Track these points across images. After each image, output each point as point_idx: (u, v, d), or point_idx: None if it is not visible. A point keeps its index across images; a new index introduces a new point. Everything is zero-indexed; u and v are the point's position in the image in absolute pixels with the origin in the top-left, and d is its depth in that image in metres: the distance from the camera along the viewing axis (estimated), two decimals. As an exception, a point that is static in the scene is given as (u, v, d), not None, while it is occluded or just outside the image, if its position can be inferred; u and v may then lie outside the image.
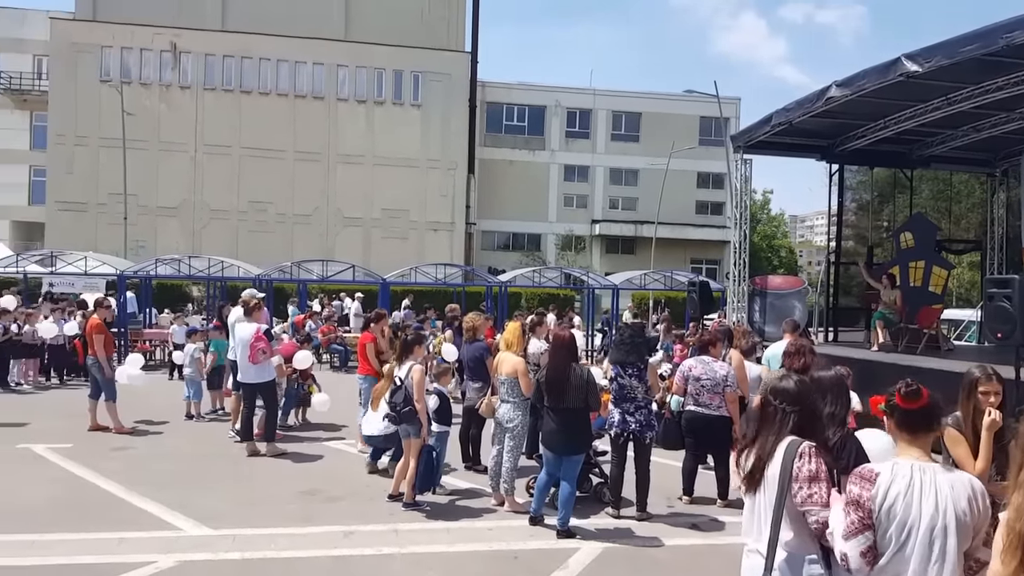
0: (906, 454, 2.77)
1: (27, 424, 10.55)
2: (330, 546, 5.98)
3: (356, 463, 8.67)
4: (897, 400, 2.79)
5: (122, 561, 5.50)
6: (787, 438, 3.05)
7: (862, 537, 2.65)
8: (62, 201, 35.52)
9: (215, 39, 36.45)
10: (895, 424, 2.85)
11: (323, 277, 22.87)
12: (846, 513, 2.71)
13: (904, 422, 2.81)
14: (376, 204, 37.80)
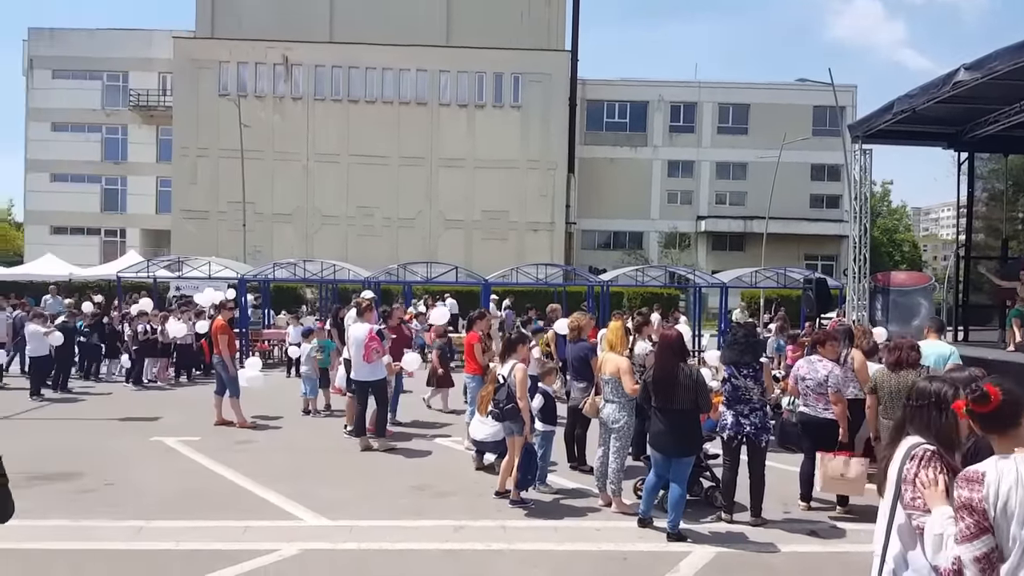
0: (1001, 450, 2.62)
1: (159, 418, 11.29)
2: (441, 539, 6.09)
3: (464, 460, 8.81)
4: (970, 406, 2.67)
5: (248, 548, 5.80)
6: (910, 439, 2.91)
7: (978, 542, 2.48)
8: (186, 210, 37.94)
9: (324, 51, 37.99)
10: (979, 428, 2.71)
11: (427, 279, 23.35)
12: (958, 519, 2.55)
13: (984, 425, 2.67)
14: (477, 206, 38.35)
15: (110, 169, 42.07)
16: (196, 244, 34.51)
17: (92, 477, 7.79)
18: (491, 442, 7.98)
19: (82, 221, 41.72)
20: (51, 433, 10.16)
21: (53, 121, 41.56)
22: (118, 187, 42.31)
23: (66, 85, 41.29)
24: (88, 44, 41.27)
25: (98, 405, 12.52)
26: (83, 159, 41.53)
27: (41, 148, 41.55)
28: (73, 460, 8.42)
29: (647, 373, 6.61)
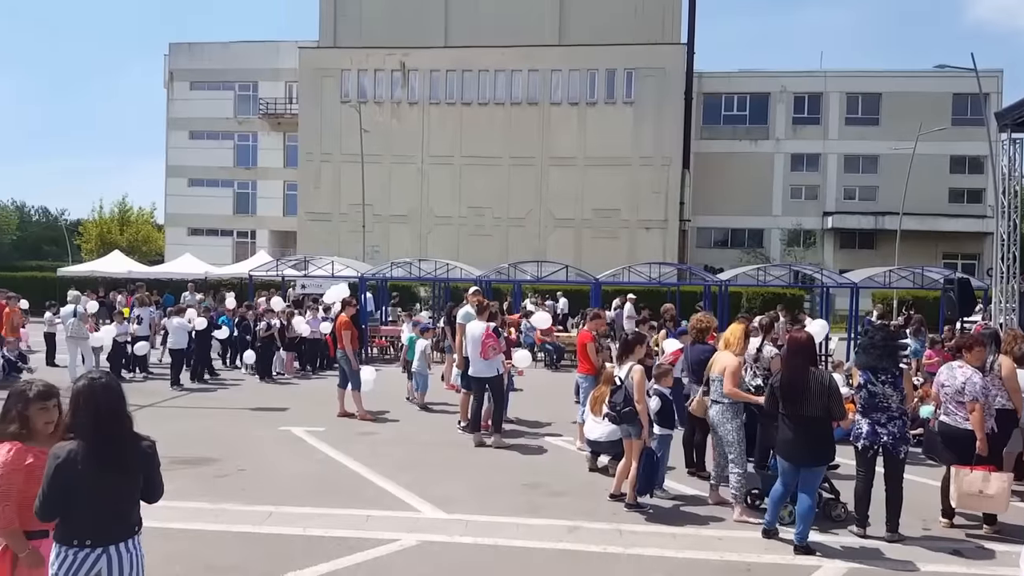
0: None
1: (287, 409, 11.86)
2: (556, 539, 6.05)
3: (576, 460, 8.73)
4: None
5: (370, 537, 5.97)
6: None
7: None
8: (311, 212, 39.76)
9: (439, 55, 38.83)
10: None
11: (537, 277, 23.42)
12: None
13: None
14: (587, 204, 38.08)
15: (241, 174, 44.74)
16: (320, 244, 36.12)
17: (227, 463, 8.26)
18: (606, 443, 7.88)
19: (216, 223, 44.56)
20: (189, 420, 10.85)
21: (190, 130, 44.61)
22: (249, 191, 44.93)
23: (202, 96, 44.23)
24: (221, 56, 44.05)
25: (230, 395, 13.28)
26: (217, 165, 44.36)
27: (180, 155, 44.73)
28: (209, 446, 8.96)
29: (774, 378, 6.31)
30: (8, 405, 3.41)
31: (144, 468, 3.32)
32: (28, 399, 3.41)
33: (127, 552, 3.25)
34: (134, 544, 3.31)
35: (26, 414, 3.39)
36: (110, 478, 3.18)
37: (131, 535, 3.30)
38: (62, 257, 50.80)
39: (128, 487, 3.27)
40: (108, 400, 3.27)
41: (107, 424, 3.23)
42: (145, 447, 3.34)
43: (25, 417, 3.38)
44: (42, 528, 3.32)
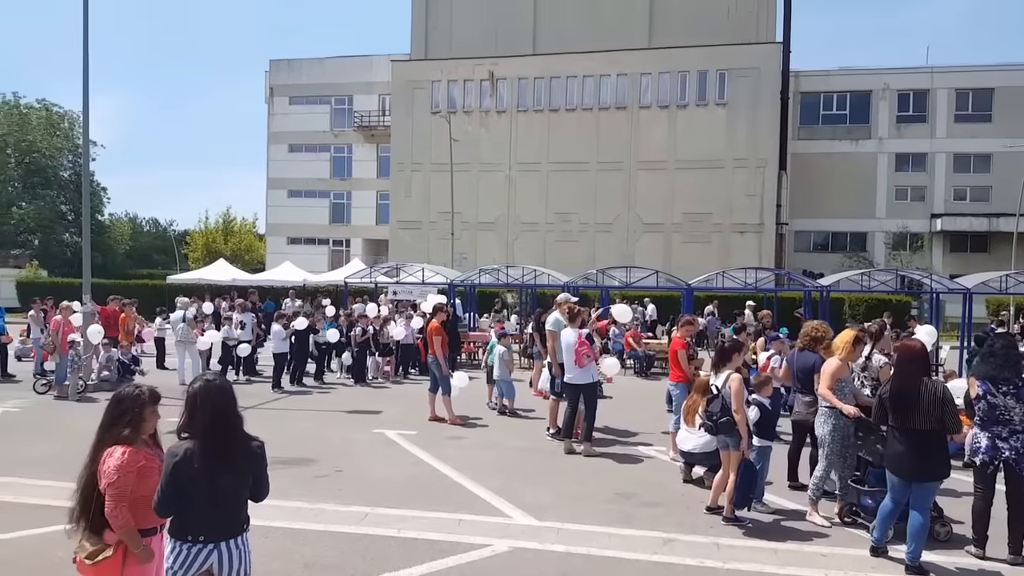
0: None
1: (380, 412, 12.12)
2: (650, 551, 5.92)
3: (669, 470, 8.54)
4: None
5: (462, 541, 6.00)
6: None
7: None
8: (402, 220, 40.70)
9: (527, 63, 39.06)
10: None
11: (626, 283, 23.13)
12: None
13: None
14: (677, 208, 37.39)
15: (337, 185, 46.28)
16: (410, 251, 36.99)
17: (324, 464, 8.51)
18: (700, 454, 7.69)
19: (313, 232, 46.26)
20: (288, 422, 11.24)
21: (290, 143, 46.53)
22: (344, 201, 46.43)
23: (300, 110, 46.08)
24: (319, 72, 45.78)
25: (327, 399, 13.69)
26: (315, 176, 46.09)
27: (280, 168, 46.71)
28: (307, 447, 9.24)
29: (883, 388, 5.98)
30: (124, 408, 3.59)
31: (253, 467, 3.45)
32: (144, 403, 3.60)
33: (236, 549, 3.38)
34: (243, 541, 3.43)
35: (141, 417, 3.57)
36: (222, 476, 3.32)
37: (240, 532, 3.42)
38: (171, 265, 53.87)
39: (239, 486, 3.40)
40: (222, 401, 3.41)
41: (221, 424, 3.37)
42: (255, 447, 3.47)
43: (139, 421, 3.56)
44: (152, 526, 3.50)
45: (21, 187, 50.93)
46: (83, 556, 3.43)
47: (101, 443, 3.54)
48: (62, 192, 52.51)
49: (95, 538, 3.43)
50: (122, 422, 3.56)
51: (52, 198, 51.51)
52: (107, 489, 3.39)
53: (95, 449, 3.53)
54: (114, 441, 3.51)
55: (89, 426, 3.80)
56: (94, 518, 3.44)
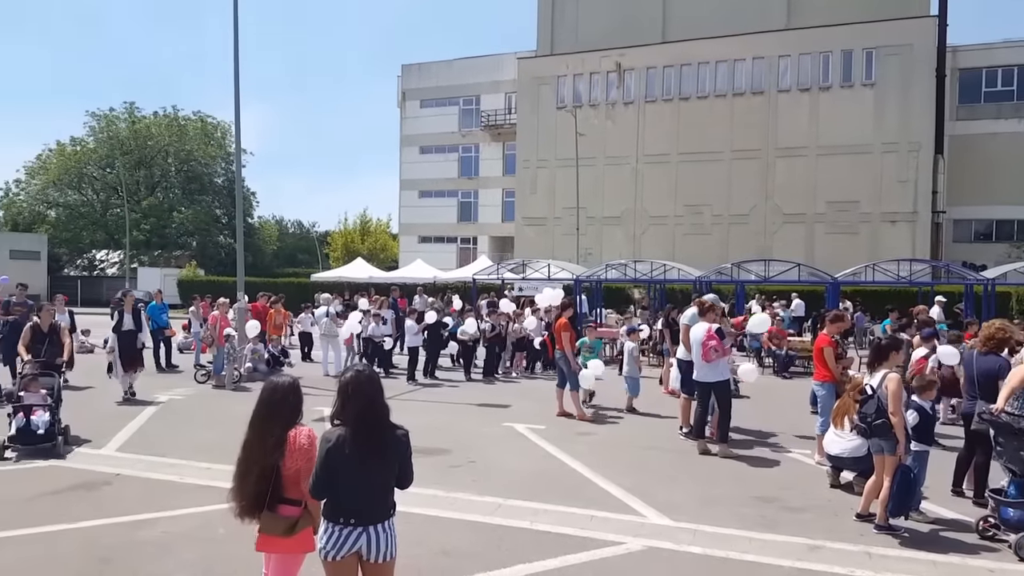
0: None
1: (510, 406, 12.23)
2: (794, 557, 5.59)
3: (814, 474, 8.07)
4: None
5: (594, 537, 5.92)
6: None
7: None
8: (527, 217, 41.01)
9: (656, 52, 38.26)
10: None
11: (764, 278, 22.16)
12: None
13: None
14: (820, 197, 35.40)
15: (465, 184, 47.27)
16: (535, 248, 37.20)
17: (457, 454, 8.67)
18: (849, 459, 7.18)
19: (442, 231, 47.50)
20: (423, 413, 11.53)
21: (420, 145, 48.00)
22: (471, 200, 47.35)
23: (430, 112, 47.41)
24: (447, 74, 46.91)
25: (458, 392, 13.97)
26: (443, 176, 47.29)
27: (412, 169, 48.28)
28: (442, 438, 9.45)
29: None
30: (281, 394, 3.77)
31: (399, 455, 3.55)
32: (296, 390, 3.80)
33: (383, 532, 3.50)
34: (389, 525, 3.55)
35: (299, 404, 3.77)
36: (371, 463, 3.45)
37: (387, 517, 3.55)
38: (313, 264, 57.11)
39: (386, 472, 3.53)
40: (371, 391, 3.54)
41: (370, 413, 3.50)
42: (400, 435, 3.58)
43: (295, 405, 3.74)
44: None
45: (181, 193, 55.82)
46: (280, 532, 3.62)
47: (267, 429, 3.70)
48: (216, 197, 57.04)
49: (276, 515, 3.64)
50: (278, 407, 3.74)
51: (208, 203, 56.06)
52: (304, 465, 3.59)
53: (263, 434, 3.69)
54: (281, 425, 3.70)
55: (241, 412, 4.03)
56: (271, 497, 3.64)
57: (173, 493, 7.10)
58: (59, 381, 9.31)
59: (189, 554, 5.53)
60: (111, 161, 53.29)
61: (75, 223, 54.59)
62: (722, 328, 9.42)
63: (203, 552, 5.57)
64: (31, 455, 8.33)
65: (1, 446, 8.37)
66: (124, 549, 5.62)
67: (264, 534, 3.67)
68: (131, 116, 55.64)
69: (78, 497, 6.93)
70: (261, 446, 3.66)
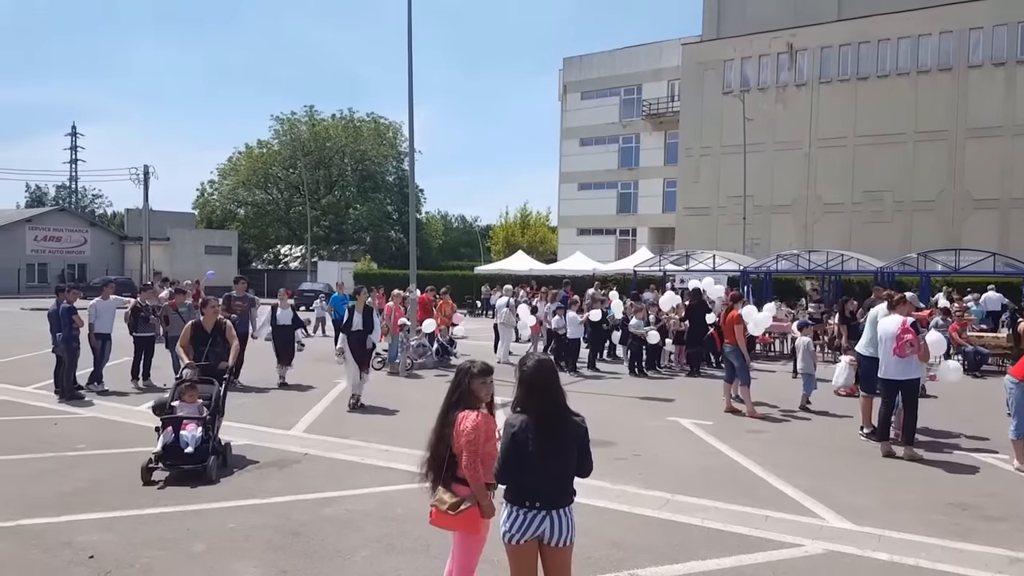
0: None
1: (673, 400, 12.13)
2: (994, 569, 5.21)
3: (1015, 482, 7.45)
4: None
5: (770, 538, 5.80)
6: None
7: None
8: (689, 207, 40.05)
9: (831, 31, 36.04)
10: None
11: (954, 268, 20.42)
12: None
13: None
14: (1017, 181, 31.92)
15: (624, 175, 46.96)
16: (696, 239, 36.26)
17: (623, 447, 8.76)
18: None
19: (601, 223, 47.47)
20: (585, 405, 11.63)
21: (581, 137, 48.16)
22: (631, 191, 46.99)
23: (591, 104, 47.48)
24: (609, 64, 46.74)
25: (619, 384, 14.01)
26: (603, 168, 47.22)
27: (571, 162, 48.60)
28: (606, 430, 9.53)
29: None
30: (458, 379, 4.05)
31: (578, 442, 3.69)
32: (472, 375, 4.03)
33: (565, 517, 3.65)
34: (569, 511, 3.69)
35: (469, 387, 4.00)
36: (552, 448, 3.60)
37: (568, 503, 3.69)
38: (475, 257, 59.07)
39: (567, 458, 3.67)
40: (550, 379, 3.73)
41: (550, 400, 3.68)
42: (578, 422, 3.72)
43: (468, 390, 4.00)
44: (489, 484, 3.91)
45: (356, 191, 59.63)
46: (444, 508, 3.87)
47: (446, 411, 4.01)
48: (388, 195, 60.44)
49: (449, 492, 3.90)
50: (456, 391, 4.02)
51: (380, 200, 59.55)
52: (464, 447, 3.82)
53: (442, 415, 4.01)
54: (456, 408, 3.97)
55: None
56: (446, 475, 3.96)
57: (355, 473, 7.54)
58: (220, 390, 7.82)
59: (371, 530, 5.88)
60: (294, 162, 57.92)
61: (262, 220, 59.88)
62: (917, 322, 8.84)
63: (384, 529, 5.89)
64: (179, 479, 7.06)
65: (145, 467, 7.06)
66: (312, 524, 5.98)
67: (435, 508, 3.93)
68: (311, 119, 60.13)
69: (272, 474, 7.46)
70: (439, 425, 3.98)
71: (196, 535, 5.74)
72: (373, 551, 5.49)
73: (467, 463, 3.82)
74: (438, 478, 3.96)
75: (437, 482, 3.96)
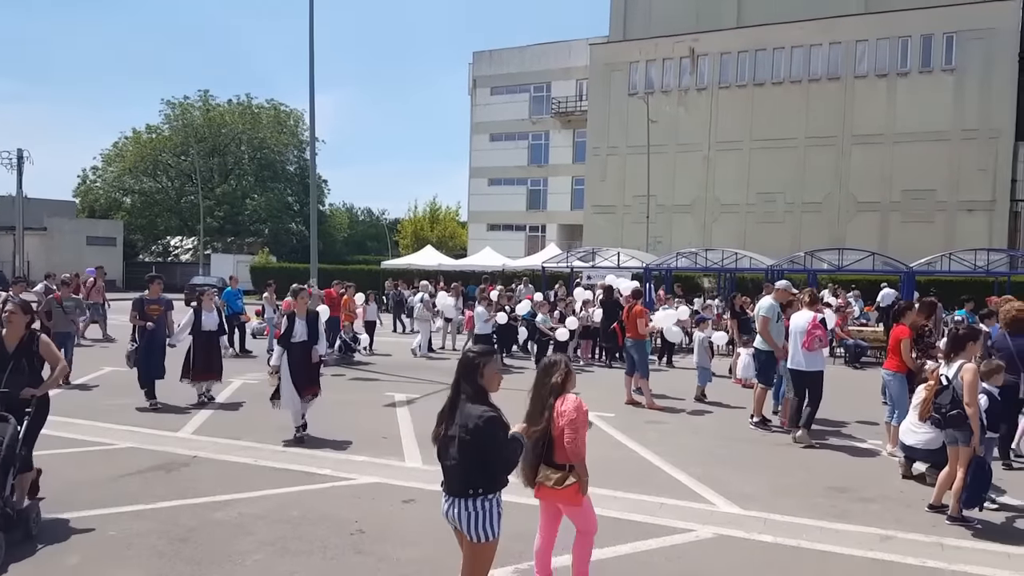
0: None
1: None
2: (866, 547, 5.65)
3: (886, 465, 8.07)
4: None
5: (664, 524, 6.08)
6: None
7: None
8: (596, 205, 40.91)
9: (730, 37, 37.53)
10: None
11: (837, 267, 21.73)
12: None
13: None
14: (896, 185, 34.27)
15: (534, 172, 47.44)
16: (604, 236, 37.14)
17: (528, 440, 8.91)
18: (923, 450, 7.16)
19: (511, 219, 47.82)
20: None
21: (491, 133, 48.33)
22: (541, 188, 47.52)
23: (501, 100, 47.66)
24: (519, 61, 47.05)
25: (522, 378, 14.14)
26: (513, 164, 47.55)
27: (481, 157, 48.70)
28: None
29: None
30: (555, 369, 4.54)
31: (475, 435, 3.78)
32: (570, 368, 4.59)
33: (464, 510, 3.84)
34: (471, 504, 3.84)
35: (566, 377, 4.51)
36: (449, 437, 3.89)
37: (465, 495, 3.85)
38: (383, 252, 58.26)
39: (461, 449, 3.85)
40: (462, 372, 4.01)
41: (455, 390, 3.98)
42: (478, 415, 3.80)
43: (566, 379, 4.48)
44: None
45: (254, 181, 57.17)
46: (551, 484, 4.31)
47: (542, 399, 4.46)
48: (289, 185, 58.39)
49: (552, 469, 4.31)
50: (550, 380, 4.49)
51: (280, 190, 57.41)
52: (567, 426, 4.26)
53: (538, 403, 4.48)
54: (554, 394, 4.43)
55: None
56: (546, 455, 4.34)
57: (249, 475, 7.29)
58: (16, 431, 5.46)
59: (265, 534, 5.70)
60: (186, 148, 55.01)
61: (150, 210, 56.53)
62: (825, 319, 9.46)
63: (279, 532, 5.73)
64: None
65: None
66: (201, 529, 5.78)
67: (540, 484, 4.37)
68: (206, 104, 57.19)
69: (158, 478, 7.12)
70: (535, 412, 4.40)
71: (69, 546, 5.41)
72: (267, 554, 5.37)
73: (569, 438, 4.25)
74: (539, 461, 4.36)
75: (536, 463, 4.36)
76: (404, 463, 7.85)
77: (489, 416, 3.75)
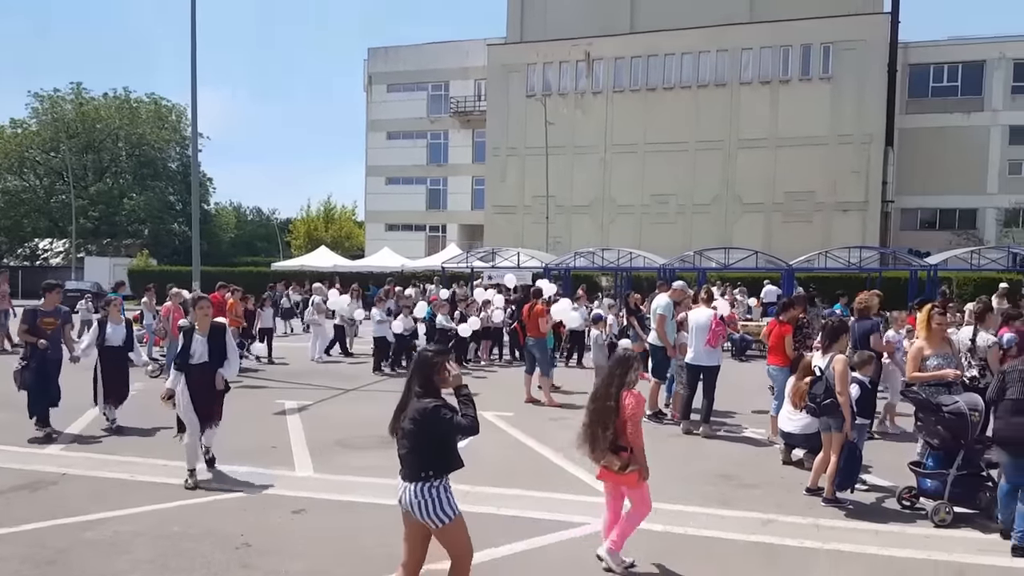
0: None
1: (478, 395, 12.35)
2: (748, 531, 5.96)
3: (769, 452, 8.52)
4: None
5: (561, 519, 6.21)
6: None
7: None
8: (497, 205, 41.20)
9: (624, 42, 38.63)
10: None
11: (724, 265, 22.73)
12: None
13: None
14: (779, 188, 36.29)
15: (433, 171, 47.19)
16: (505, 236, 37.45)
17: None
18: (800, 435, 7.61)
19: (410, 219, 47.40)
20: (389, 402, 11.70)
21: (388, 131, 47.69)
22: (440, 187, 47.33)
23: (398, 98, 47.09)
24: (416, 59, 46.59)
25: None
26: (412, 163, 47.12)
27: (378, 155, 47.97)
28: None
29: (1009, 365, 5.88)
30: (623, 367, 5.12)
31: (420, 424, 4.06)
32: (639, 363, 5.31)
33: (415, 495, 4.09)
34: (421, 489, 4.08)
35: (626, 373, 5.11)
36: (402, 427, 4.22)
37: (417, 480, 4.10)
38: (273, 253, 56.22)
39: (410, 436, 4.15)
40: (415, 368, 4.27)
41: (407, 385, 4.27)
42: (425, 406, 4.05)
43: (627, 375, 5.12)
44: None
45: (132, 179, 53.52)
46: (616, 469, 5.03)
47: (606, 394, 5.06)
48: (170, 183, 55.09)
49: (616, 457, 4.98)
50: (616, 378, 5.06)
51: (161, 189, 54.00)
52: (629, 418, 4.96)
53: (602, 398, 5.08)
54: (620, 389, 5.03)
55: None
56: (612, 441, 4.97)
57: (125, 491, 6.86)
58: None
59: (143, 552, 5.43)
60: (56, 145, 51.12)
61: (15, 210, 51.78)
62: (723, 315, 9.88)
63: (158, 549, 5.47)
64: None
65: None
66: (72, 551, 5.44)
67: (604, 467, 5.10)
68: (78, 98, 53.27)
69: (21, 499, 6.64)
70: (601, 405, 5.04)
71: (-83, 578, 4.96)
72: (144, 572, 5.12)
73: (632, 429, 4.96)
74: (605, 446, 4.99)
75: (595, 448, 5.05)
76: (294, 472, 7.60)
77: (435, 404, 4.03)
